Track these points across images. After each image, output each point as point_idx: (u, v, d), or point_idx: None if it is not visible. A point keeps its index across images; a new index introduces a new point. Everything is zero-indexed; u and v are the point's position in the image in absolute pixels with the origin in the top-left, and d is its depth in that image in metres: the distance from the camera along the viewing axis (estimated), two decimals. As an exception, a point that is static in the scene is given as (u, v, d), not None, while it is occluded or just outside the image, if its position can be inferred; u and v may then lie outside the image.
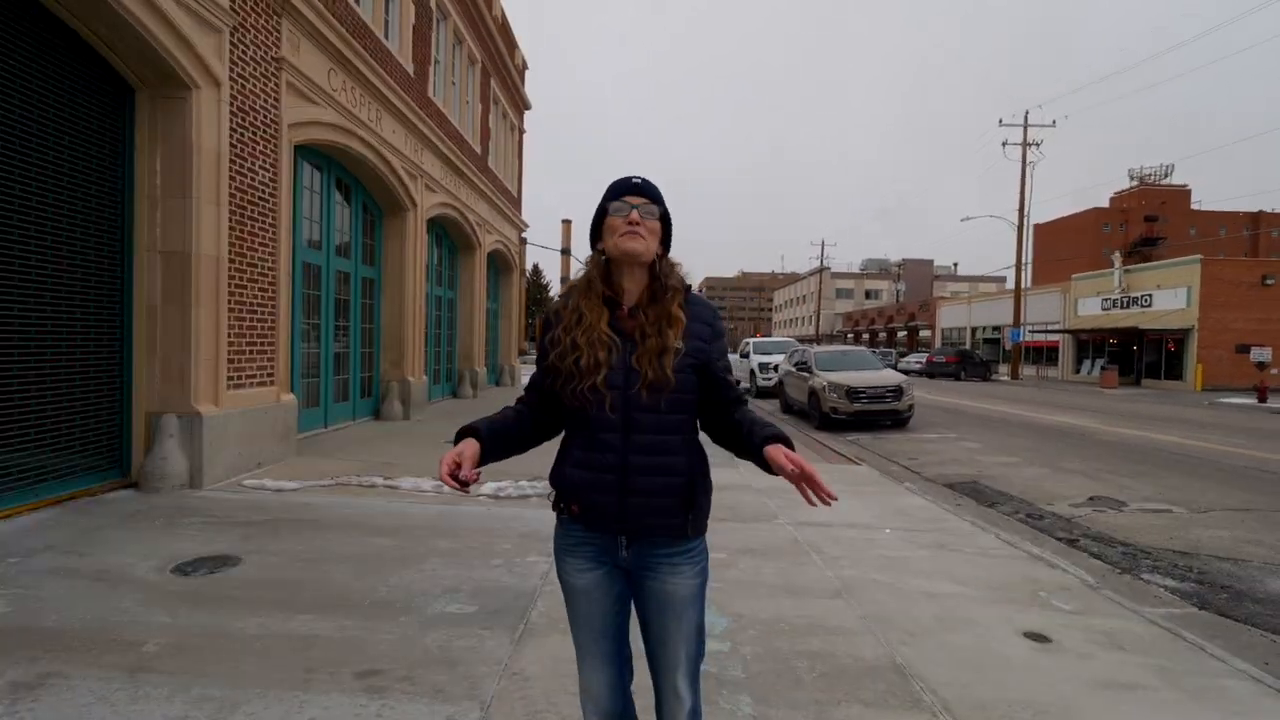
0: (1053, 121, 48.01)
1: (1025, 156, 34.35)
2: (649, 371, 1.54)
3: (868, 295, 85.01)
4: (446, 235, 14.94)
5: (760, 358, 20.30)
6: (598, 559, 1.64)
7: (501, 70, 17.62)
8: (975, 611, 3.63)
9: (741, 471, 6.30)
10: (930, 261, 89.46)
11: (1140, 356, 30.85)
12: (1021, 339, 35.84)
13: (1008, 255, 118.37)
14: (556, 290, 53.99)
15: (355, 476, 6.40)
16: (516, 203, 20.47)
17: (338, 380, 9.90)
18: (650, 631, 1.65)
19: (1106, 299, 32.69)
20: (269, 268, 6.96)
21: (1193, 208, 55.90)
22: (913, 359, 37.08)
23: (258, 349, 6.78)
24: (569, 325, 1.62)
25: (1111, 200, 56.93)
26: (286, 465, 6.85)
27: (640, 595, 1.65)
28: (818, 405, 12.91)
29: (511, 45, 18.61)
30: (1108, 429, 12.95)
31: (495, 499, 5.82)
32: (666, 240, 1.69)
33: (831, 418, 12.52)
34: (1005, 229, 55.04)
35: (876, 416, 12.55)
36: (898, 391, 12.60)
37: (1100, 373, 30.27)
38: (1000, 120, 37.77)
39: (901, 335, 56.33)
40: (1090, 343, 33.77)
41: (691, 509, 1.60)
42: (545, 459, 1.72)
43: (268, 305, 6.95)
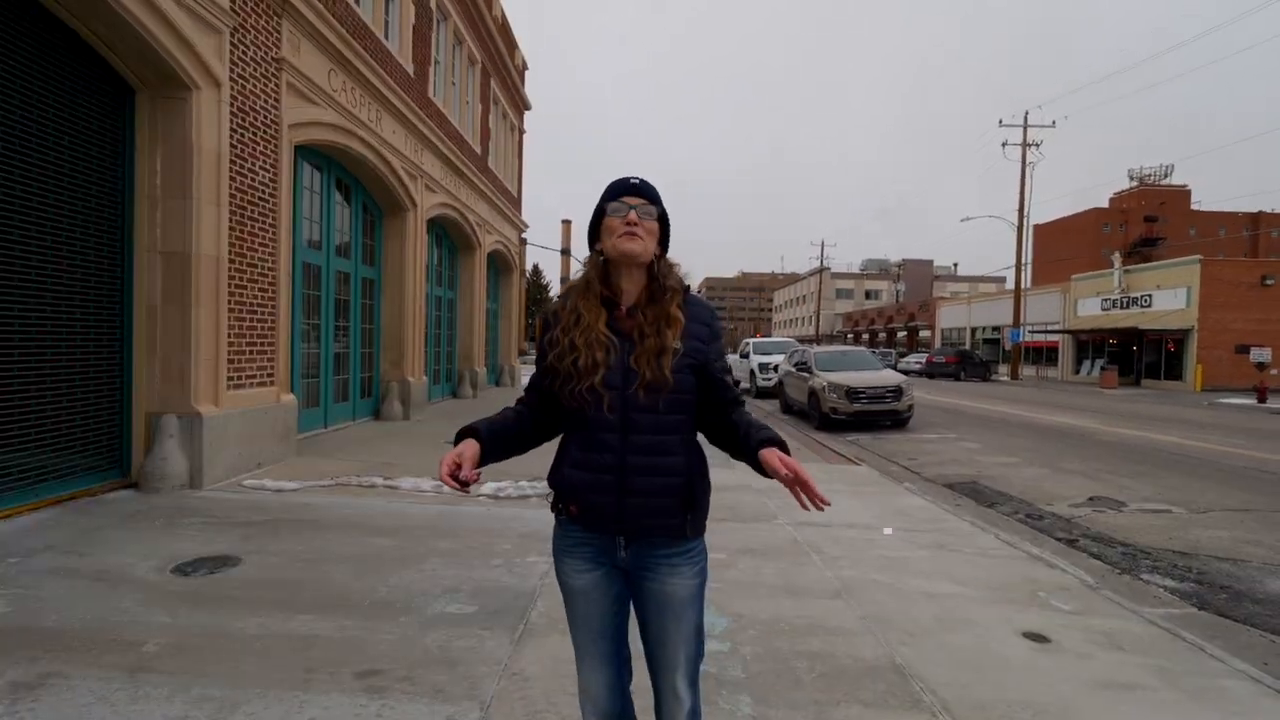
0: (1052, 122, 48.05)
1: (1025, 157, 34.42)
2: (647, 372, 1.54)
3: (867, 295, 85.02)
4: (446, 235, 14.94)
5: (760, 358, 20.31)
6: (596, 560, 1.64)
7: (501, 71, 17.63)
8: (975, 612, 3.63)
9: (741, 472, 6.27)
10: (930, 262, 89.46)
11: (1140, 357, 30.86)
12: (1021, 339, 35.86)
13: (1007, 255, 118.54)
14: (556, 290, 53.97)
15: (355, 477, 6.40)
16: (516, 203, 20.48)
17: (338, 380, 9.90)
18: (649, 632, 1.65)
19: (1106, 299, 32.71)
20: (269, 268, 6.97)
21: (1192, 208, 55.91)
22: (912, 359, 37.10)
23: (258, 349, 6.78)
24: (567, 326, 1.62)
25: (1111, 200, 56.95)
26: (286, 465, 6.86)
27: (639, 596, 1.65)
28: (817, 405, 12.92)
29: (511, 46, 18.62)
30: (1107, 429, 12.95)
31: (495, 499, 5.82)
32: (665, 241, 1.69)
33: (831, 418, 12.53)
34: (1005, 229, 55.01)
35: (876, 417, 12.56)
36: (897, 392, 12.61)
37: (1100, 373, 30.29)
38: (1000, 121, 37.82)
39: (901, 335, 56.34)
40: (1090, 343, 33.78)
41: (690, 509, 1.60)
42: (545, 459, 1.72)
43: (268, 305, 6.96)
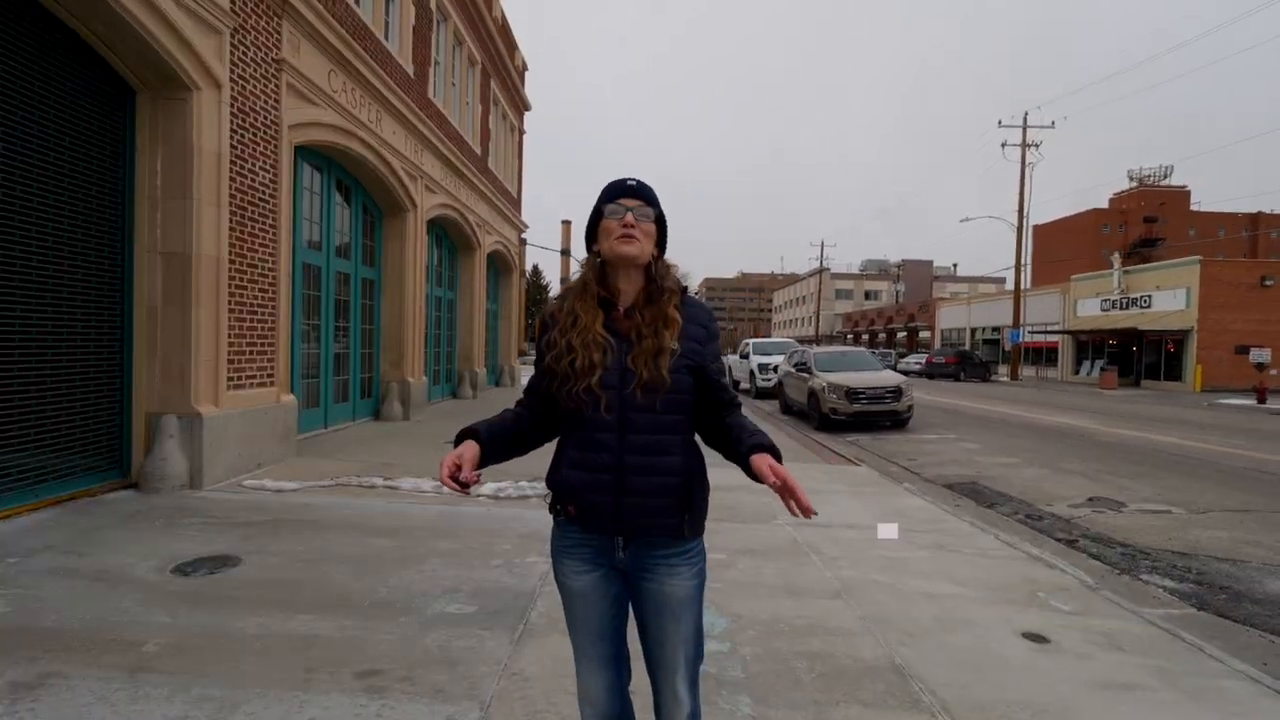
0: (1052, 123, 47.95)
1: (1024, 157, 34.43)
2: (644, 372, 1.54)
3: (867, 296, 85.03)
4: (446, 236, 14.95)
5: (760, 358, 20.32)
6: (595, 560, 1.64)
7: (501, 71, 17.63)
8: (974, 612, 3.64)
9: (740, 472, 6.28)
10: (930, 262, 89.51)
11: (1139, 357, 30.87)
12: (1021, 340, 35.86)
13: (1007, 256, 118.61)
14: (556, 291, 53.97)
15: (355, 477, 6.40)
16: (516, 204, 20.48)
17: (338, 381, 9.90)
18: (648, 633, 1.65)
19: (1106, 300, 32.72)
20: (269, 268, 6.97)
21: (1192, 209, 55.98)
22: (912, 360, 37.12)
23: (258, 349, 6.79)
24: (564, 327, 1.62)
25: (1111, 201, 57.01)
26: (286, 466, 6.86)
27: (637, 597, 1.65)
28: (817, 406, 12.92)
29: (511, 47, 18.63)
30: (1107, 430, 12.96)
31: (495, 500, 5.82)
32: (662, 242, 1.69)
33: (831, 418, 12.53)
34: (1005, 230, 55.10)
35: (876, 417, 12.57)
36: (897, 392, 12.61)
37: (1099, 373, 30.29)
38: (1000, 121, 37.82)
39: (901, 336, 56.36)
40: (1089, 344, 33.79)
41: (688, 509, 1.60)
42: (545, 460, 1.73)
43: (268, 306, 6.96)
